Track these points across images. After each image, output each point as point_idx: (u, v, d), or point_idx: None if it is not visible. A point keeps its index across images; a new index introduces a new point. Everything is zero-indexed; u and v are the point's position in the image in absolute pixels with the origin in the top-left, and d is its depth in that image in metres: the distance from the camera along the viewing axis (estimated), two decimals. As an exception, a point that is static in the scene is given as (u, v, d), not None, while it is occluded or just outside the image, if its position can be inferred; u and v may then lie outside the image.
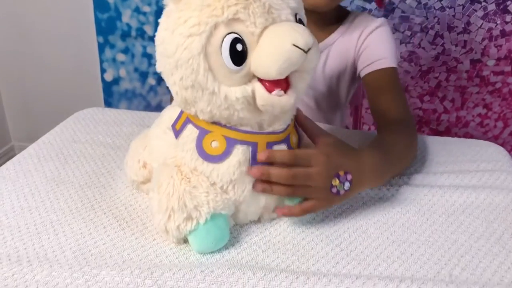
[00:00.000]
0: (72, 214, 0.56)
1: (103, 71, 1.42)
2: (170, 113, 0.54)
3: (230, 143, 0.49)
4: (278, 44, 0.43)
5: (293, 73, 0.46)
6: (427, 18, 1.28)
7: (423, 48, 1.32)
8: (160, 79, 1.41)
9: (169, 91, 0.50)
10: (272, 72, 0.44)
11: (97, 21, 1.36)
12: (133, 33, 1.37)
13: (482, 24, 1.28)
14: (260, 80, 0.46)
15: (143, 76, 1.42)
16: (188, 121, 0.51)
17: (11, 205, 0.57)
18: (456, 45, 1.31)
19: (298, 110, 0.56)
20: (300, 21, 0.48)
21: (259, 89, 0.46)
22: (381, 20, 0.82)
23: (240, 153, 0.49)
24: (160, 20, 0.48)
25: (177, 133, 0.52)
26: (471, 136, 1.39)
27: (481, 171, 0.66)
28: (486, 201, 0.60)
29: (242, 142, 0.49)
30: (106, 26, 1.36)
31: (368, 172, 0.56)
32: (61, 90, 1.52)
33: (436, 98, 1.39)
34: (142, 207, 0.58)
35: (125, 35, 1.37)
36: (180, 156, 0.51)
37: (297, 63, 0.44)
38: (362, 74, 0.79)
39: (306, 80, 0.49)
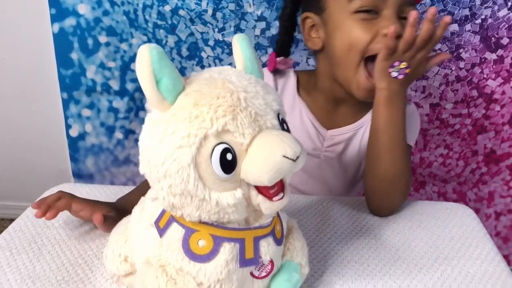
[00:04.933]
0: (51, 317, 0.54)
1: (68, 127, 1.39)
2: (151, 209, 0.53)
3: (217, 241, 0.49)
4: (269, 156, 0.44)
5: None
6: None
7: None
8: (127, 133, 1.40)
9: (137, 144, 0.50)
10: (264, 181, 0.45)
11: (61, 78, 1.34)
12: (98, 88, 1.35)
13: (438, 70, 1.34)
14: (256, 186, 0.47)
15: (110, 130, 1.40)
16: (172, 219, 0.51)
17: (-16, 311, 0.54)
18: (416, 91, 1.36)
19: None
20: (283, 121, 0.49)
21: (263, 201, 0.47)
22: (412, 106, 0.91)
23: (227, 251, 0.49)
24: (144, 126, 0.47)
25: (161, 231, 0.51)
26: (435, 176, 1.44)
27: (453, 238, 0.69)
28: (462, 272, 0.62)
29: (230, 240, 0.49)
30: (70, 82, 1.34)
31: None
32: (25, 146, 1.47)
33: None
34: (124, 302, 0.56)
35: (90, 91, 1.35)
36: (164, 256, 0.51)
37: (287, 172, 0.45)
38: None
39: (292, 174, 0.50)
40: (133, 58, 1.32)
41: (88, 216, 0.67)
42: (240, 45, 0.51)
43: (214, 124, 0.44)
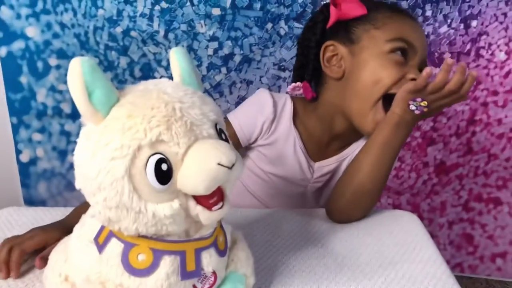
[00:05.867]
0: None
1: (18, 152, 1.35)
2: (91, 226, 0.52)
3: (157, 255, 0.49)
4: (204, 165, 0.44)
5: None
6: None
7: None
8: (81, 156, 1.37)
9: None
10: (200, 190, 0.45)
11: (10, 102, 1.31)
12: (50, 111, 1.33)
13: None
14: (194, 196, 0.47)
15: (62, 154, 1.37)
16: (111, 234, 0.50)
17: None
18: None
19: None
20: (221, 131, 0.50)
21: (202, 212, 0.47)
22: None
23: (167, 264, 0.49)
24: (78, 140, 0.47)
25: (100, 247, 0.50)
26: (389, 188, 1.48)
27: (398, 243, 0.71)
28: (406, 275, 0.63)
29: (170, 253, 0.49)
30: (20, 106, 1.31)
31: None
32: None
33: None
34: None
35: (40, 114, 1.33)
36: (104, 272, 0.50)
37: (223, 180, 0.46)
38: None
39: (233, 184, 0.51)
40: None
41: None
42: (177, 57, 0.52)
43: (147, 134, 0.44)
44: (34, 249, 0.65)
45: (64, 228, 0.67)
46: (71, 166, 1.51)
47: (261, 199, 0.93)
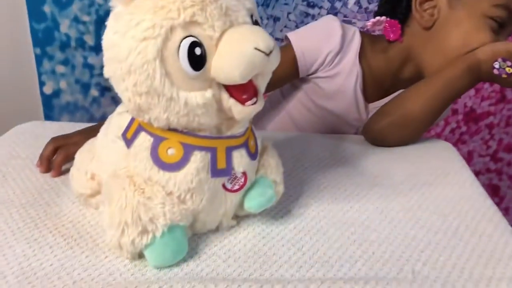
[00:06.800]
0: (13, 235, 0.51)
1: (42, 84, 1.35)
2: (118, 122, 0.51)
3: (188, 150, 0.47)
4: (240, 48, 0.42)
5: (256, 76, 0.45)
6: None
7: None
8: (103, 90, 1.36)
9: (114, 102, 0.47)
10: (235, 77, 0.42)
11: (33, 32, 1.29)
12: (73, 43, 1.31)
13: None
14: (227, 88, 0.45)
15: (85, 87, 1.36)
16: (140, 128, 0.48)
17: None
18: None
19: None
20: (256, 23, 0.47)
21: (235, 105, 0.45)
22: None
23: (198, 159, 0.47)
24: (107, 23, 0.45)
25: (129, 142, 0.49)
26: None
27: (433, 168, 0.68)
28: (440, 196, 0.61)
29: (201, 148, 0.47)
30: (43, 37, 1.29)
31: None
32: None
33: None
34: (91, 223, 0.54)
35: (64, 46, 1.31)
36: (132, 166, 0.48)
37: (260, 67, 0.43)
38: None
39: (267, 81, 0.49)
40: (108, 12, 1.28)
41: None
42: None
43: (181, 14, 0.41)
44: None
45: None
46: (94, 100, 1.51)
47: None
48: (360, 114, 0.87)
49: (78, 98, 1.37)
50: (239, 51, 0.42)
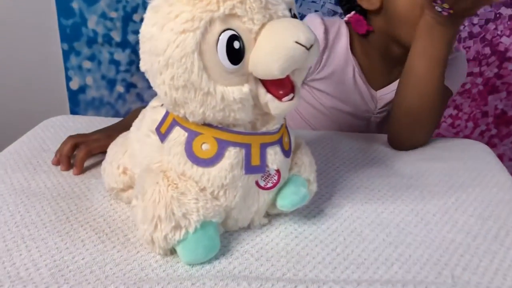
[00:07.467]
0: (45, 228, 0.51)
1: (68, 79, 1.36)
2: (152, 116, 0.50)
3: (222, 145, 0.46)
4: (280, 42, 0.41)
5: (293, 71, 0.44)
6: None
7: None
8: (129, 87, 1.36)
9: (139, 98, 0.47)
10: (274, 71, 0.41)
11: (61, 28, 1.30)
12: (100, 39, 1.32)
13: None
14: (264, 83, 0.44)
15: (111, 83, 1.37)
16: (175, 123, 0.47)
17: (-24, 221, 0.52)
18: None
19: None
20: (294, 16, 0.46)
21: (272, 100, 0.44)
22: (462, 53, 0.91)
23: (232, 155, 0.46)
24: (145, 16, 0.44)
25: (163, 136, 0.48)
26: (443, 137, 1.41)
27: (469, 169, 0.66)
28: (478, 198, 0.59)
29: (235, 144, 0.46)
30: (71, 32, 1.31)
31: None
32: (24, 99, 1.44)
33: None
34: (122, 218, 0.54)
35: (91, 42, 1.32)
36: (166, 161, 0.48)
37: (300, 61, 0.42)
38: None
39: (303, 77, 0.48)
40: (135, 9, 1.29)
41: None
42: None
43: (221, 6, 0.41)
44: (99, 152, 0.65)
45: (125, 130, 0.66)
46: (120, 96, 1.52)
47: None
48: (368, 104, 0.86)
49: (103, 94, 1.38)
50: (279, 44, 0.41)
